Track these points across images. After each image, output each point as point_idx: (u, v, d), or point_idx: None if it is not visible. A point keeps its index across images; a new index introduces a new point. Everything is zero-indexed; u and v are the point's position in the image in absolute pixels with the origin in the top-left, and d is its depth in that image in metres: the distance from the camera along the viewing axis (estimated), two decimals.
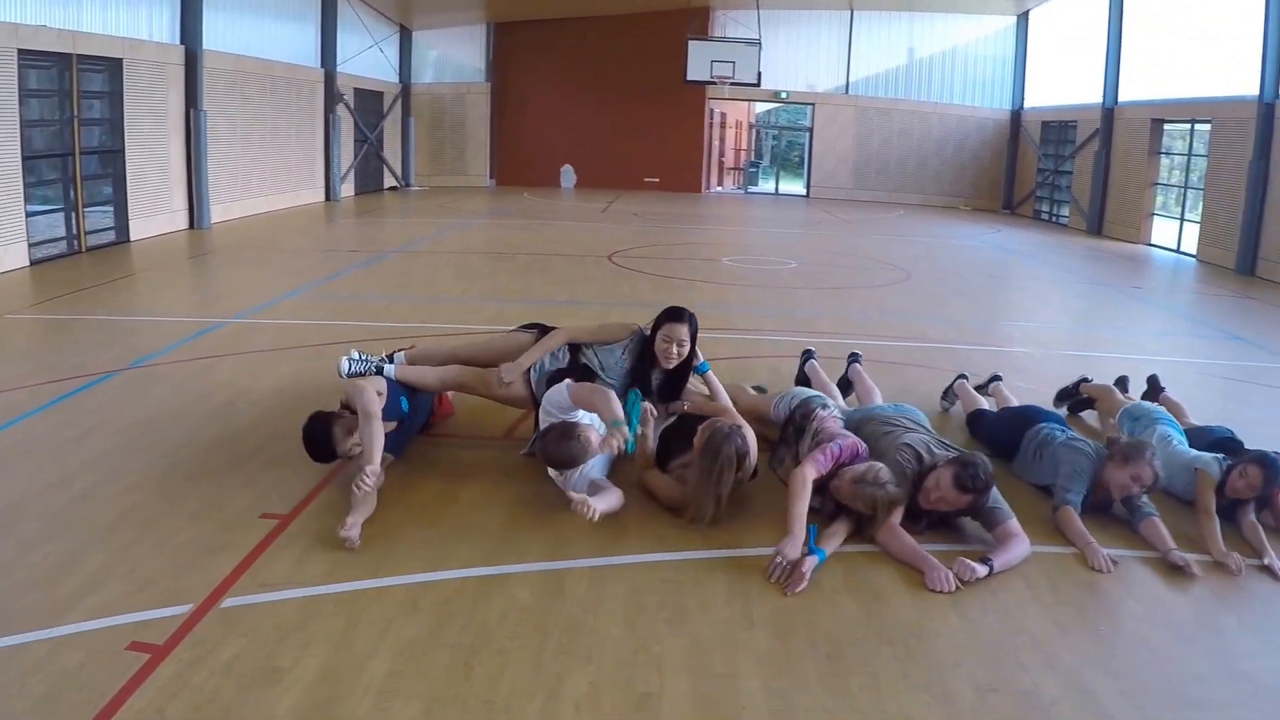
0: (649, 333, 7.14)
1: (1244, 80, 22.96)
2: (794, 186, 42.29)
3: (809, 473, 6.10)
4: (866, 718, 4.37)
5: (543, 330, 7.47)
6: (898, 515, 6.14)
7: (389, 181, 33.84)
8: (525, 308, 12.83)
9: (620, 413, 6.30)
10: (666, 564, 5.67)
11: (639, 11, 35.41)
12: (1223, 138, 24.07)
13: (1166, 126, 28.03)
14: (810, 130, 38.95)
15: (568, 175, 37.68)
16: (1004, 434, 7.74)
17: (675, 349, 6.92)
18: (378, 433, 6.25)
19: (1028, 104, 37.04)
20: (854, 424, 7.20)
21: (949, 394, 9.19)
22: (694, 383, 7.39)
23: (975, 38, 37.71)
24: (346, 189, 29.68)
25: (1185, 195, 27.18)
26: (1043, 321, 15.05)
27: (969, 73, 37.92)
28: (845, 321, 13.39)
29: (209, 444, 7.31)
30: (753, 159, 48.41)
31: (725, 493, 6.15)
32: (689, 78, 33.32)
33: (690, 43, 33.18)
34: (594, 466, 6.48)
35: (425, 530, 5.93)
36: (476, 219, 24.96)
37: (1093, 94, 30.86)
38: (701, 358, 7.24)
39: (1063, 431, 7.28)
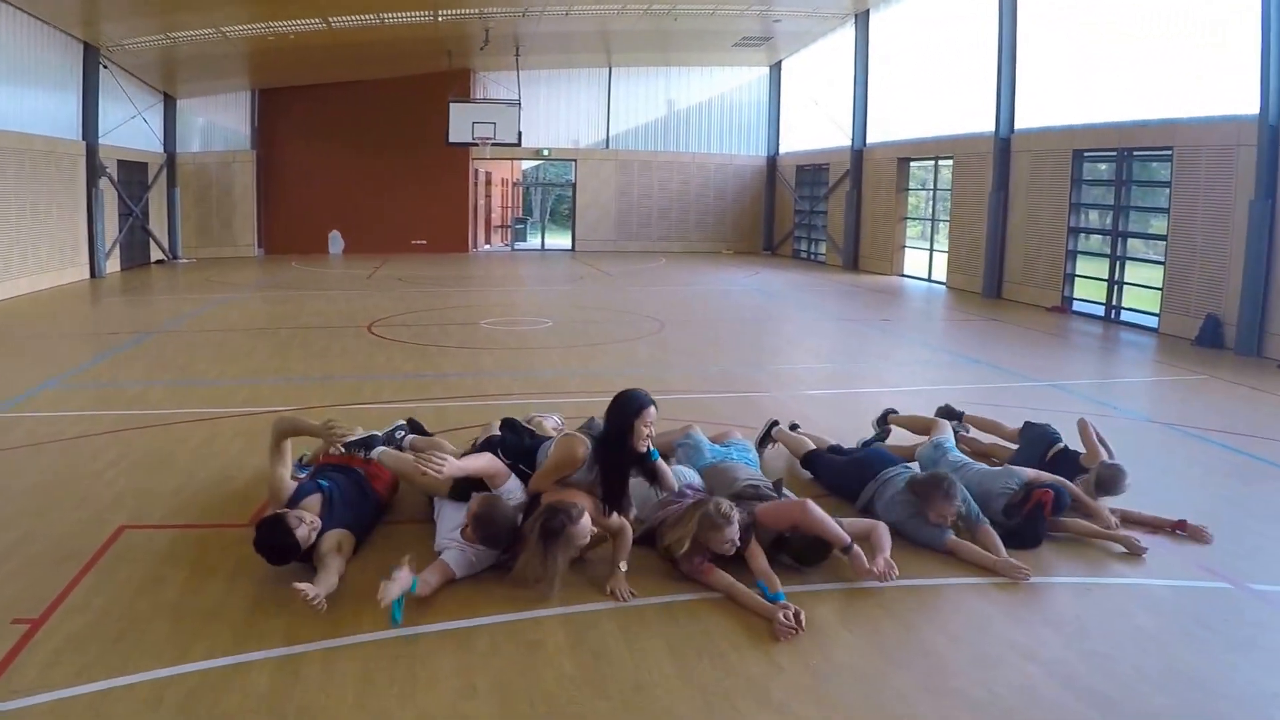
0: (603, 428, 7.21)
1: (982, 118, 24.71)
2: (561, 240, 42.88)
3: (717, 577, 6.58)
4: None
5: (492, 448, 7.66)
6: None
7: (156, 255, 32.75)
8: (280, 387, 13.03)
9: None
10: (398, 639, 5.84)
11: (401, 75, 35.54)
12: (964, 172, 25.87)
13: (912, 164, 29.82)
14: (574, 185, 39.74)
15: (336, 241, 37.35)
16: (846, 479, 8.35)
17: (651, 430, 7.03)
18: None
19: (783, 149, 38.76)
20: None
21: (765, 442, 9.68)
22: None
23: (731, 88, 39.23)
24: (112, 265, 28.62)
25: (933, 227, 28.94)
26: (792, 363, 15.80)
27: (726, 122, 39.43)
28: (592, 379, 13.67)
29: None
30: (519, 216, 48.88)
31: (555, 566, 6.38)
32: (451, 140, 33.61)
33: (452, 105, 33.57)
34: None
35: (171, 624, 5.97)
36: (241, 292, 24.58)
37: (843, 137, 32.47)
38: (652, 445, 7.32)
39: (896, 479, 7.95)
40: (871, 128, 31.82)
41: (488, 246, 42.30)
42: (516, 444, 7.70)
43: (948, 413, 10.09)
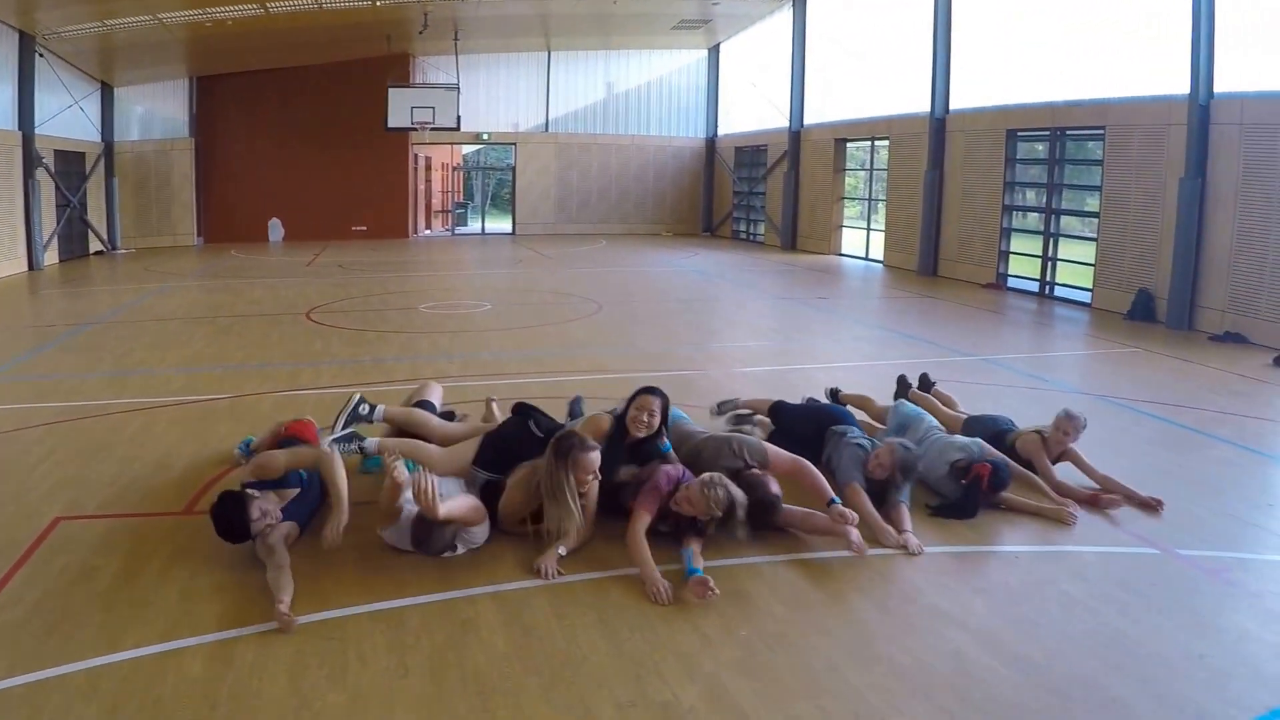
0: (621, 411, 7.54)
1: (917, 99, 24.98)
2: (501, 224, 42.78)
3: (639, 526, 6.64)
4: None
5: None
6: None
7: (95, 246, 32.04)
8: (217, 374, 12.88)
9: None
10: (330, 622, 5.84)
11: (340, 60, 35.17)
12: (901, 152, 26.16)
13: (849, 145, 30.03)
14: (513, 169, 39.71)
15: (275, 229, 36.89)
16: (805, 428, 8.60)
17: (646, 418, 7.33)
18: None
19: (721, 131, 38.92)
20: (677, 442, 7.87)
21: (725, 406, 9.86)
22: None
23: (670, 71, 39.31)
24: (50, 257, 27.93)
25: (870, 207, 29.20)
26: (730, 342, 15.89)
27: (665, 105, 39.52)
28: (530, 361, 13.69)
29: None
30: (460, 200, 48.75)
31: (573, 496, 6.64)
32: (390, 125, 33.41)
33: (391, 90, 33.33)
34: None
35: (105, 613, 5.94)
36: (180, 281, 24.27)
37: (780, 119, 32.67)
38: (666, 439, 7.58)
39: (850, 432, 8.23)
40: (809, 109, 32.02)
41: (428, 231, 42.04)
42: (546, 424, 7.80)
43: (923, 383, 10.33)
